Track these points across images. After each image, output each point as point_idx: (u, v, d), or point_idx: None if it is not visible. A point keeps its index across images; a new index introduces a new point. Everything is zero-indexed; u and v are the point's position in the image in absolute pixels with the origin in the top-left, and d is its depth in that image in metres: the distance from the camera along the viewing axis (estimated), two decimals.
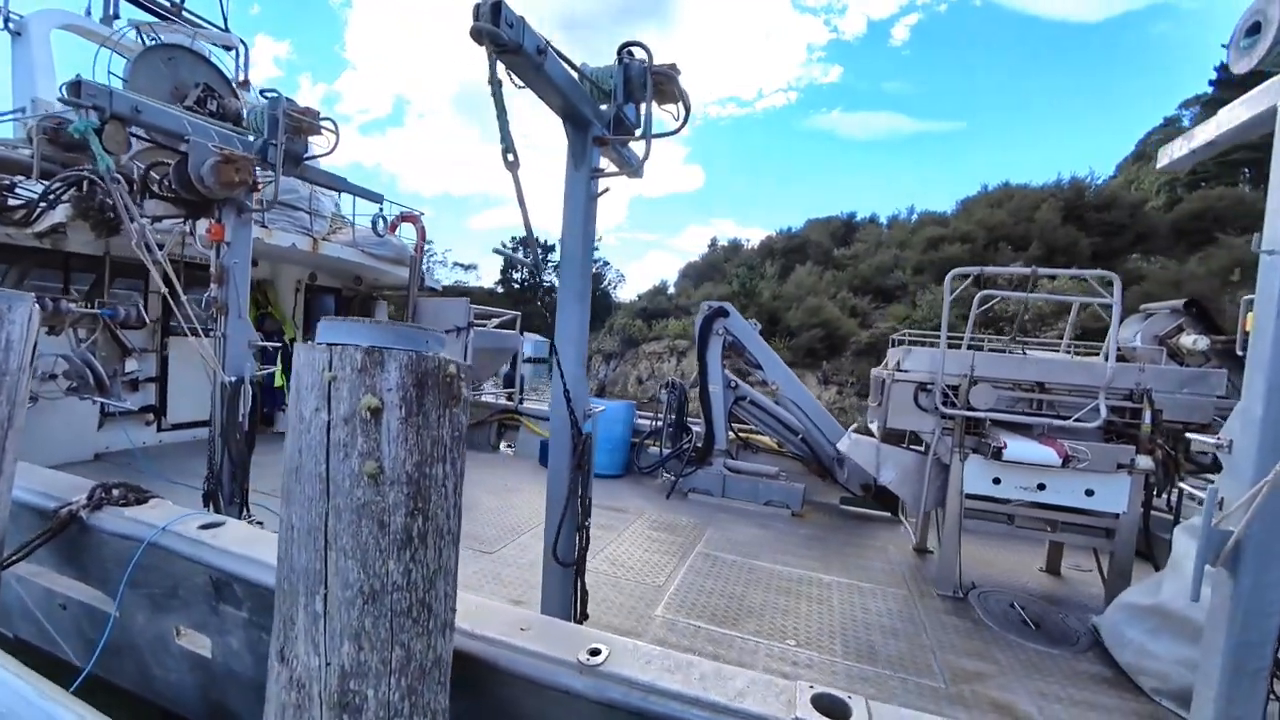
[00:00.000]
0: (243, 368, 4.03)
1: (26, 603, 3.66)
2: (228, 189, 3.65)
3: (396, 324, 1.71)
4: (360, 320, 1.67)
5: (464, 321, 7.26)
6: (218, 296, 3.90)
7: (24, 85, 6.01)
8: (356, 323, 1.63)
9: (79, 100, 3.11)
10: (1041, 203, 30.09)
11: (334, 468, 1.54)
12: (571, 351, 3.02)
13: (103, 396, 5.07)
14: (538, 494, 6.28)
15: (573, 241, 3.01)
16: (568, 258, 3.03)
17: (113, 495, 2.99)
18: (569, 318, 3.03)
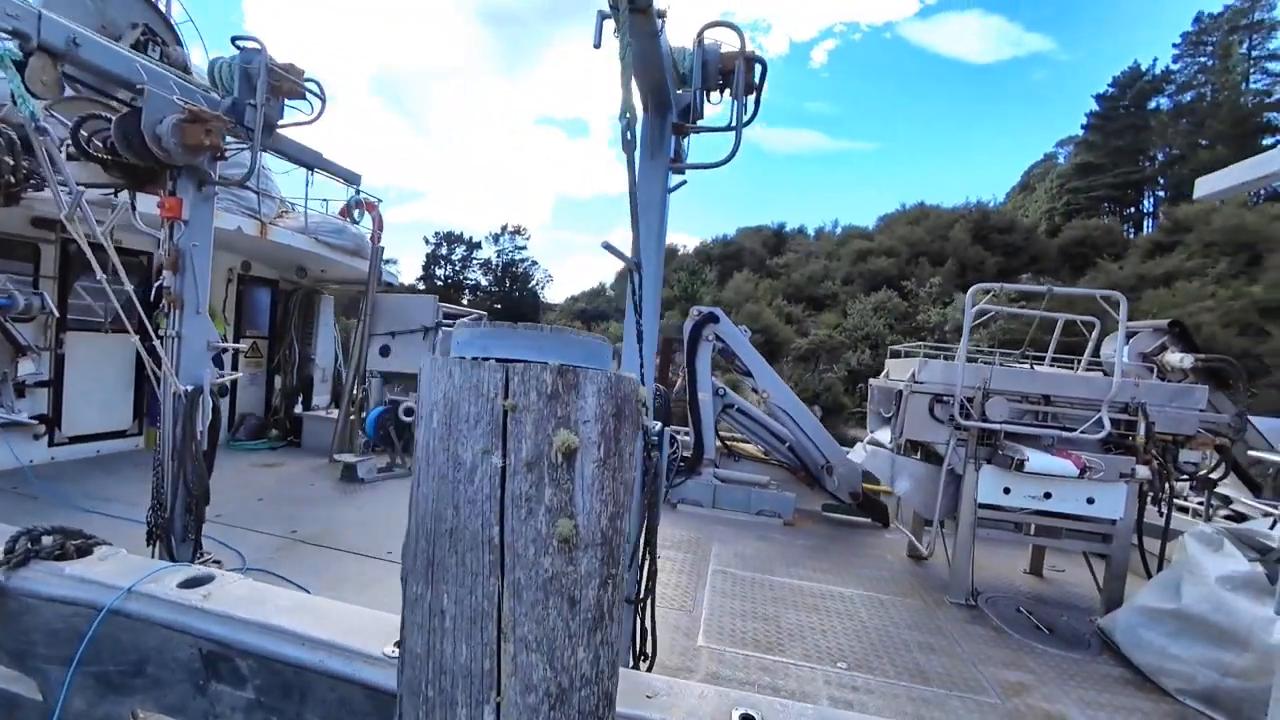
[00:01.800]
0: (201, 374, 3.32)
1: None
2: (192, 154, 2.97)
3: (560, 329, 1.30)
4: (514, 326, 1.25)
5: (432, 321, 6.59)
6: (170, 286, 3.17)
7: None
8: (526, 330, 1.21)
9: None
10: (954, 222, 32.58)
11: (513, 530, 1.12)
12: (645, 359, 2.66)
13: None
14: None
15: (647, 238, 2.65)
16: (642, 251, 2.65)
17: (43, 545, 2.28)
18: (648, 308, 2.66)
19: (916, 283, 27.28)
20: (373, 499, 5.71)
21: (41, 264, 5.61)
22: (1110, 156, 37.57)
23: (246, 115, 3.18)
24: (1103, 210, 37.79)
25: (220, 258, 7.17)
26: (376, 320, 6.74)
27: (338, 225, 6.69)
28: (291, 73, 3.35)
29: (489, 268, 52.84)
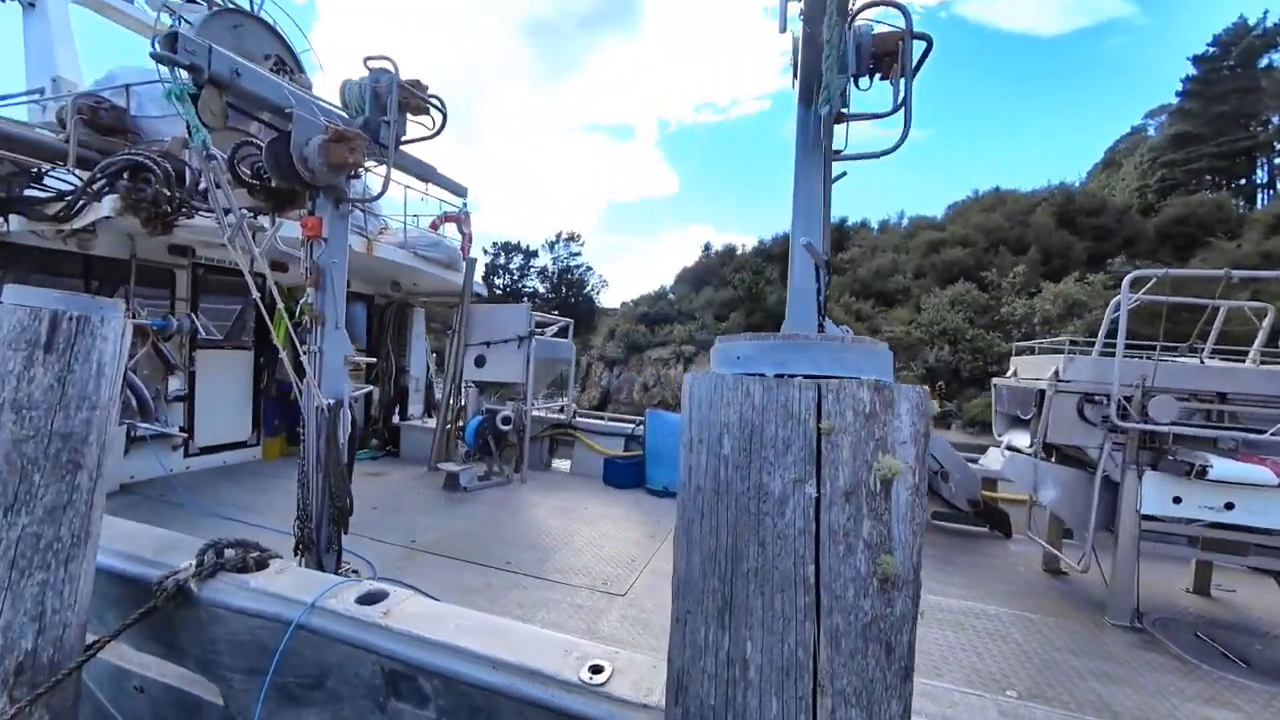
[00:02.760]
0: (341, 388, 3.39)
1: (85, 683, 2.95)
2: (335, 172, 3.03)
3: (862, 339, 1.15)
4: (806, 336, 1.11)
5: (525, 329, 6.63)
6: (314, 303, 3.25)
7: (40, 63, 5.25)
8: (827, 340, 1.07)
9: (174, 56, 2.47)
10: (1034, 207, 30.48)
11: (830, 569, 0.97)
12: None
13: (145, 421, 4.35)
14: (627, 519, 5.72)
15: (809, 230, 2.47)
16: (804, 248, 2.48)
17: (226, 558, 2.34)
18: (806, 310, 2.49)
19: (998, 273, 25.65)
20: (478, 508, 5.77)
21: (176, 287, 6.01)
22: (1212, 124, 34.13)
23: (380, 132, 3.22)
24: (1206, 184, 34.43)
25: None
26: (471, 331, 6.86)
27: (433, 239, 6.86)
28: (417, 89, 3.38)
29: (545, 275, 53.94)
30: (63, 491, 2.04)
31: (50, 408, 1.97)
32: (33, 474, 1.96)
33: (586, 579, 4.15)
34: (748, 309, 28.40)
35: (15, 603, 1.97)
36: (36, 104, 4.77)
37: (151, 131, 4.29)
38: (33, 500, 1.97)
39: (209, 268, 6.32)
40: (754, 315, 27.57)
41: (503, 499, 6.17)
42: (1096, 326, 6.43)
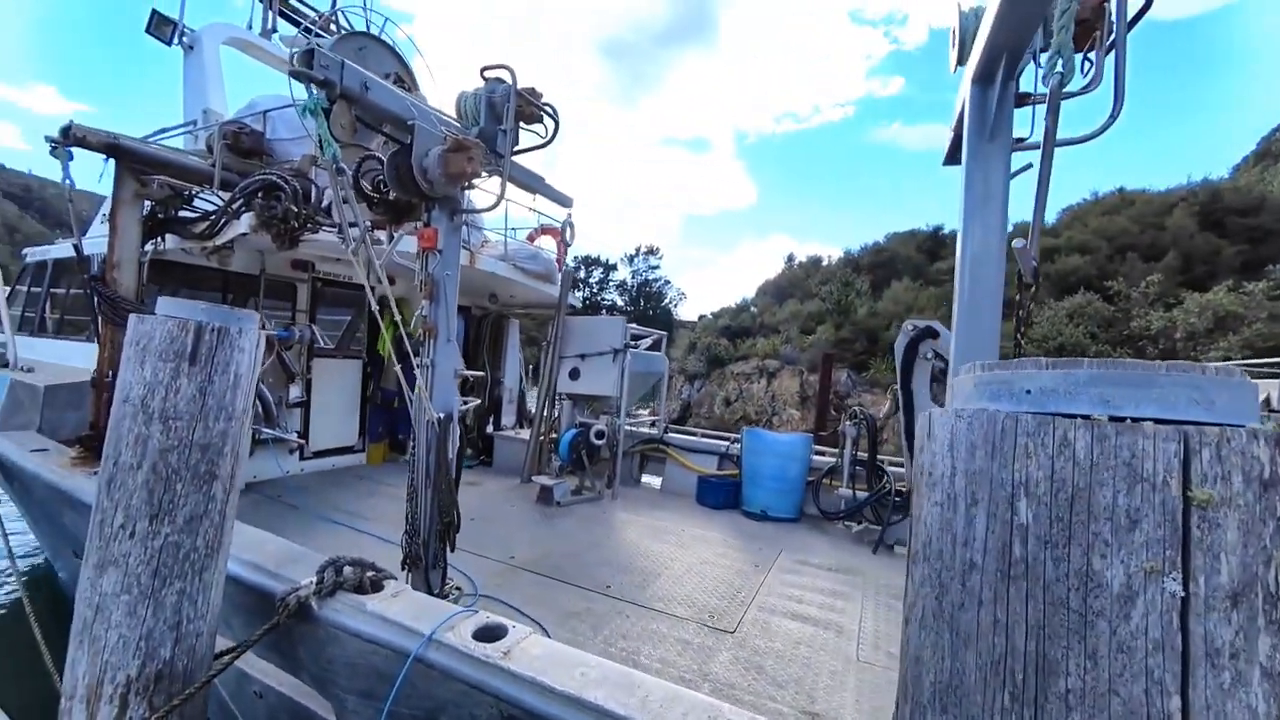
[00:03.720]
0: (452, 401, 3.35)
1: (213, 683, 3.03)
2: (453, 182, 3.00)
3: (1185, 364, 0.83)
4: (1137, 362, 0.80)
5: (620, 342, 6.51)
6: (428, 315, 3.24)
7: (195, 98, 5.84)
8: (1169, 369, 0.76)
9: (310, 71, 2.50)
10: (1171, 207, 27.12)
11: (1205, 704, 0.66)
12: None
13: (268, 427, 4.58)
14: (725, 544, 5.40)
15: (985, 232, 2.12)
16: (977, 255, 2.13)
17: (344, 577, 2.29)
18: (980, 329, 2.14)
19: (1126, 283, 22.93)
20: (572, 524, 5.66)
21: (297, 299, 6.40)
22: None
23: (496, 141, 3.18)
24: None
25: None
26: (566, 343, 6.83)
27: (531, 251, 6.93)
28: (531, 96, 3.32)
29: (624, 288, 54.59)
30: (200, 501, 2.05)
31: (192, 418, 1.99)
32: (175, 484, 1.98)
33: (691, 610, 3.87)
34: (836, 322, 27.13)
35: (157, 611, 1.98)
36: (190, 133, 5.25)
37: (283, 153, 4.55)
38: (174, 510, 1.99)
39: (325, 281, 6.70)
40: (843, 329, 26.29)
41: (596, 515, 6.03)
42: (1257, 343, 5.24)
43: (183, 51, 6.13)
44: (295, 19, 7.33)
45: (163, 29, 6.08)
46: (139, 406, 1.93)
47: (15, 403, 4.39)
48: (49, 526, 4.38)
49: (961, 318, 2.21)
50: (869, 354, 24.35)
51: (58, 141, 3.89)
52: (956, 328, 2.24)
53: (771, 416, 22.89)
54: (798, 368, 23.81)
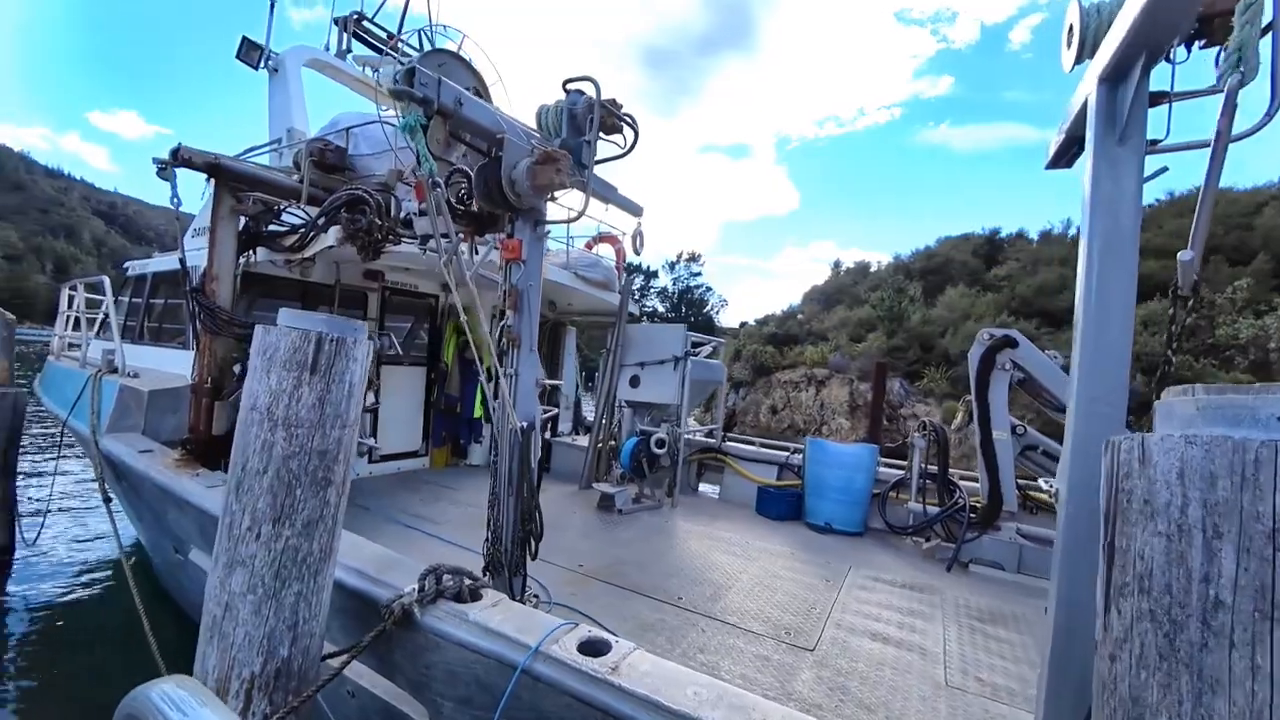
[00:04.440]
0: (533, 410, 3.38)
1: None
2: (540, 194, 3.04)
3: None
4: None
5: (682, 350, 6.48)
6: (512, 325, 3.28)
7: (280, 118, 6.18)
8: None
9: (411, 90, 2.58)
10: (1261, 205, 25.21)
11: None
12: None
13: None
14: (792, 556, 5.27)
15: (1114, 240, 1.99)
16: (1105, 265, 2.01)
17: (445, 585, 2.32)
18: (1109, 344, 2.01)
19: (1210, 288, 21.44)
20: (634, 532, 5.64)
21: (368, 308, 6.64)
22: None
23: (579, 153, 3.21)
24: None
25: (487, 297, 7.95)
26: (625, 350, 6.84)
27: (592, 259, 7.00)
28: (613, 107, 3.34)
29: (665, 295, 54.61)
30: (316, 507, 2.12)
31: (311, 426, 2.06)
32: (295, 489, 2.05)
33: (767, 626, 3.78)
34: (888, 330, 26.31)
35: (277, 611, 2.06)
36: (275, 151, 5.53)
37: (364, 168, 4.73)
38: (294, 514, 2.06)
39: (394, 290, 6.92)
40: (895, 337, 25.43)
41: (658, 524, 5.99)
42: None
43: (268, 75, 6.50)
44: (367, 40, 7.66)
45: (251, 54, 6.46)
46: (265, 414, 2.01)
47: (124, 407, 4.69)
48: (152, 521, 4.65)
49: (1087, 331, 2.08)
50: (922, 362, 23.52)
51: (165, 162, 4.15)
52: (1081, 342, 2.10)
53: (820, 426, 22.37)
54: (847, 376, 23.23)
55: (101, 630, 5.33)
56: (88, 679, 4.67)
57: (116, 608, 5.53)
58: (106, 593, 6.03)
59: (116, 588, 5.98)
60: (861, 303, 30.71)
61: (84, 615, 5.62)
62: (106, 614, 5.60)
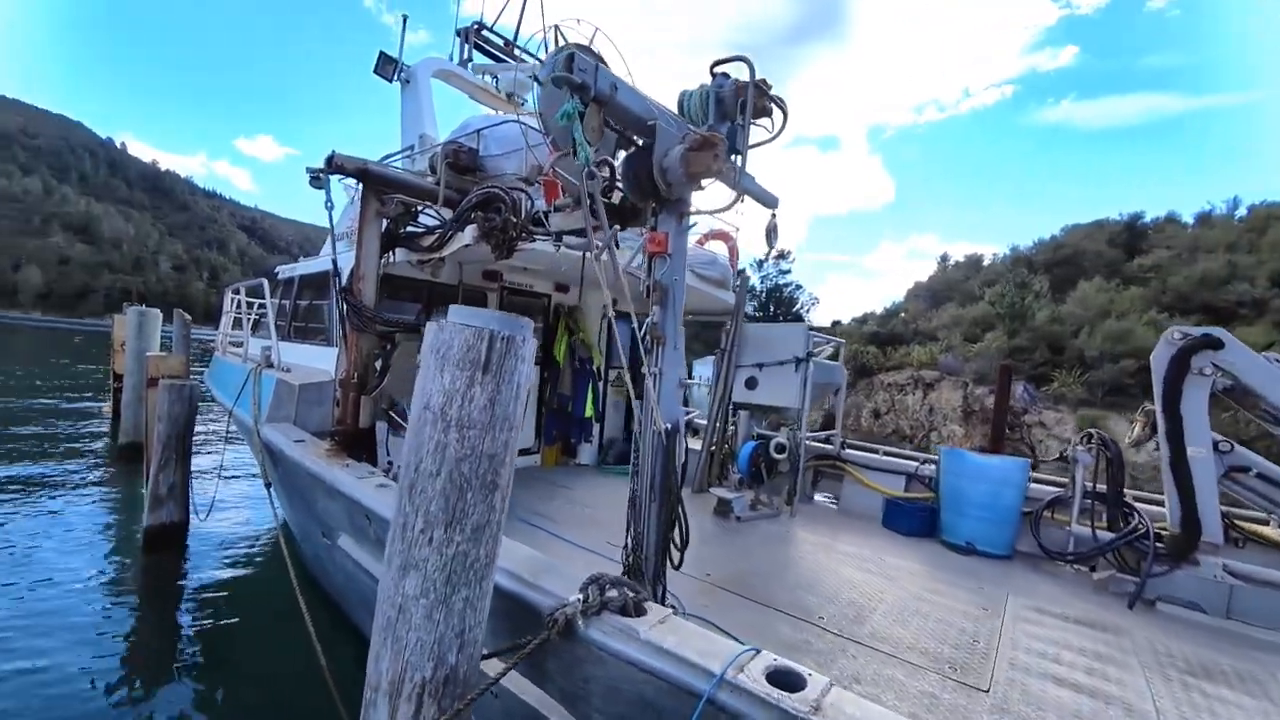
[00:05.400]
0: (677, 411, 3.20)
1: None
2: (694, 181, 2.85)
3: None
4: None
5: (804, 350, 6.10)
6: (658, 322, 3.12)
7: (412, 125, 6.51)
8: None
9: (570, 76, 2.47)
10: None
11: None
12: None
13: None
14: (935, 578, 4.76)
15: None
16: None
17: (609, 598, 2.18)
18: None
19: None
20: (755, 540, 5.36)
21: (486, 307, 6.80)
22: None
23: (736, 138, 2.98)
24: None
25: (596, 295, 7.96)
26: (741, 351, 6.56)
27: (710, 256, 6.77)
28: (764, 87, 3.08)
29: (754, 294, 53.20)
30: (484, 511, 2.04)
31: (483, 428, 1.98)
32: (467, 492, 1.98)
33: (926, 658, 3.38)
34: (1008, 328, 23.82)
35: (447, 617, 2.00)
36: (408, 157, 5.78)
37: (494, 168, 4.80)
38: (465, 519, 1.99)
39: (511, 290, 7.06)
40: (1018, 336, 22.97)
41: (778, 533, 5.67)
42: None
43: (400, 86, 6.85)
44: (486, 50, 7.90)
45: (386, 68, 6.84)
46: (438, 414, 1.95)
47: (279, 399, 5.06)
48: (303, 507, 4.97)
49: None
50: (1051, 365, 21.12)
51: (319, 171, 4.39)
52: None
53: (929, 432, 20.80)
54: (961, 379, 21.40)
55: (259, 601, 5.83)
56: (248, 645, 5.10)
57: (273, 583, 6.02)
58: (264, 569, 6.60)
59: (272, 565, 6.53)
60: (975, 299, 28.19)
61: (245, 587, 6.19)
62: (264, 588, 6.12)
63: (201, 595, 5.90)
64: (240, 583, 6.27)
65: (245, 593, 6.06)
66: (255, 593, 6.10)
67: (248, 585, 6.25)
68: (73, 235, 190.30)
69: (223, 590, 6.03)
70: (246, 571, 6.52)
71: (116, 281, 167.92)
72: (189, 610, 5.64)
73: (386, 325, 4.31)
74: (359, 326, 4.32)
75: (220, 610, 5.67)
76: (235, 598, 5.90)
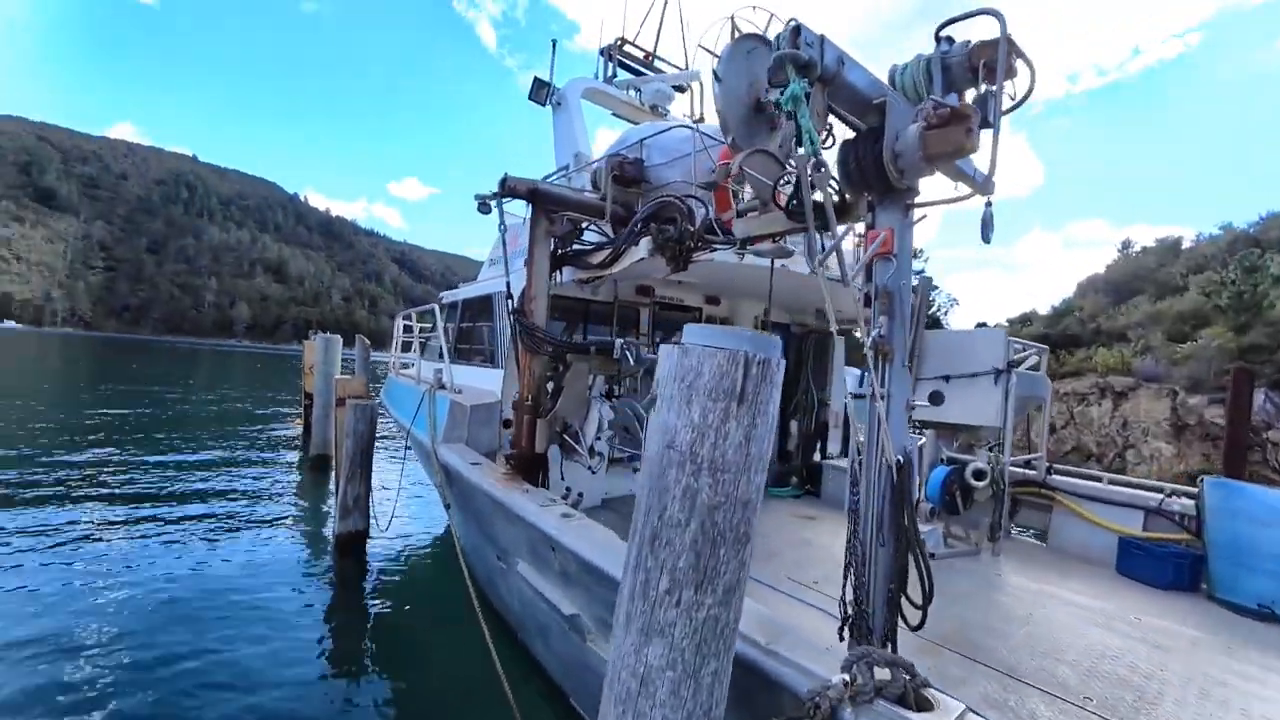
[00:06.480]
0: (906, 439, 2.69)
1: None
2: (935, 164, 2.36)
3: None
4: None
5: (1003, 360, 5.20)
6: (884, 335, 2.64)
7: (566, 145, 6.63)
8: None
9: (797, 53, 2.11)
10: None
11: None
12: None
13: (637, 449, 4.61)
14: (1228, 650, 3.71)
15: None
16: None
17: (881, 682, 1.75)
18: None
19: None
20: (963, 585, 4.59)
21: (640, 324, 6.66)
22: None
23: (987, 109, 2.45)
24: None
25: (747, 306, 7.53)
26: (923, 362, 5.76)
27: None
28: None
29: None
30: (736, 569, 1.71)
31: (737, 470, 1.65)
32: (719, 547, 1.66)
33: None
34: (1234, 323, 19.37)
35: (696, 693, 1.68)
36: (564, 176, 5.83)
37: (658, 178, 4.61)
38: (717, 578, 1.67)
39: (663, 305, 6.86)
40: (1249, 332, 18.63)
41: (984, 575, 4.84)
42: None
43: (551, 110, 7.02)
44: (627, 65, 7.89)
45: (540, 93, 7.06)
46: (686, 454, 1.66)
47: (453, 420, 5.23)
48: (477, 528, 5.06)
49: None
50: None
51: (488, 196, 4.45)
52: None
53: (1124, 450, 17.66)
54: (1166, 386, 17.92)
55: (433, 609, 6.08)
56: (424, 647, 5.28)
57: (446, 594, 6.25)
58: (437, 580, 6.94)
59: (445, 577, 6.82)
60: (1178, 290, 23.61)
61: (421, 594, 6.52)
62: (438, 598, 6.39)
63: (383, 597, 6.29)
64: (416, 589, 6.62)
65: (421, 599, 6.38)
66: (430, 600, 6.39)
67: (423, 592, 6.59)
68: (270, 276, 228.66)
69: (402, 595, 6.39)
70: (422, 580, 6.89)
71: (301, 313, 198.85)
72: (373, 609, 6.04)
73: (559, 346, 4.23)
74: (532, 348, 4.28)
75: (400, 613, 5.99)
76: (412, 603, 6.22)
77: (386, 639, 5.54)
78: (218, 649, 4.99)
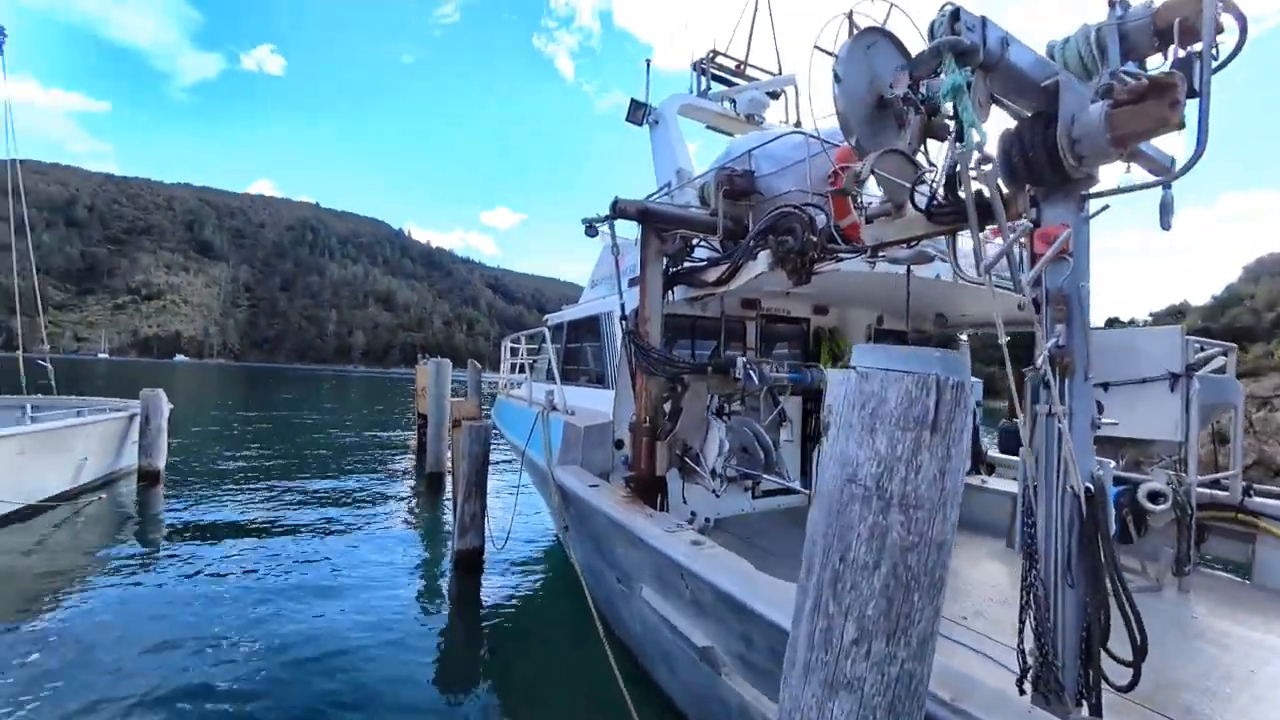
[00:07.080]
0: (1092, 464, 2.35)
1: None
2: (1125, 146, 2.05)
3: None
4: None
5: (1180, 364, 4.52)
6: (1064, 346, 2.33)
7: (666, 163, 6.67)
8: None
9: (958, 38, 1.91)
10: None
11: None
12: None
13: (769, 473, 4.42)
14: None
15: None
16: None
17: None
18: None
19: None
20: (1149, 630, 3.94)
21: (746, 338, 6.47)
22: None
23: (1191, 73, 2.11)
24: None
25: (855, 315, 7.12)
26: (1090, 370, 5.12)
27: None
28: None
29: None
30: (930, 618, 1.51)
31: (932, 508, 1.47)
32: (914, 593, 1.48)
33: None
34: None
35: None
36: (667, 194, 5.82)
37: (769, 189, 4.46)
38: (910, 627, 1.48)
39: (769, 317, 6.63)
40: None
41: (1177, 619, 4.16)
42: None
43: (649, 128, 7.09)
44: (719, 77, 7.82)
45: (636, 113, 7.16)
46: (873, 489, 1.50)
47: (568, 442, 5.30)
48: (595, 550, 5.07)
49: None
50: None
51: (596, 220, 4.51)
52: None
53: None
54: None
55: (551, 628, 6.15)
56: (543, 667, 5.32)
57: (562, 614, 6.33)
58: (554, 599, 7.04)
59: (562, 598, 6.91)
60: None
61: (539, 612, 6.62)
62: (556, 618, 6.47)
63: (502, 615, 6.45)
64: (533, 608, 6.74)
65: (537, 618, 6.48)
66: (546, 620, 6.48)
67: (539, 612, 6.69)
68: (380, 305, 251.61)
69: (519, 613, 6.52)
70: (538, 599, 7.02)
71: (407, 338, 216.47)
72: (492, 627, 6.20)
73: (677, 367, 4.16)
74: (648, 369, 4.25)
75: (520, 630, 6.11)
76: (530, 621, 6.33)
77: (505, 657, 5.65)
78: (340, 661, 5.16)
